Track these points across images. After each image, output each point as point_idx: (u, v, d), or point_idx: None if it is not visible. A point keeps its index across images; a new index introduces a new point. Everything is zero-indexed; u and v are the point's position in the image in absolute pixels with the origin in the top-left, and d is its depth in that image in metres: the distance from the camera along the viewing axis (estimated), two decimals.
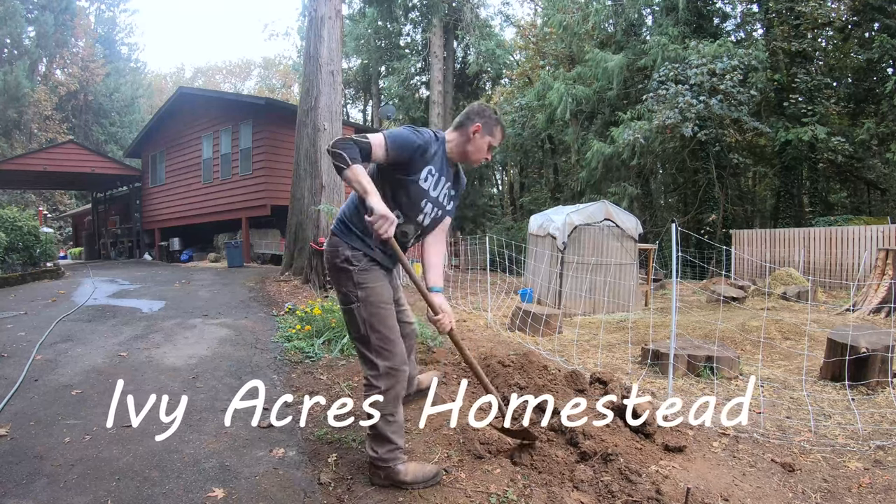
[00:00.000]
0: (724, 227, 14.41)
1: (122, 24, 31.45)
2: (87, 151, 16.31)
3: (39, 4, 23.02)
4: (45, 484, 2.08)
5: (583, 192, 16.55)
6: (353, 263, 2.08)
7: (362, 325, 2.06)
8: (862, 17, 14.38)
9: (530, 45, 24.18)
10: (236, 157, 13.04)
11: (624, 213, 8.27)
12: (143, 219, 16.77)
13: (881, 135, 14.00)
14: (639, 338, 5.31)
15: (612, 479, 2.09)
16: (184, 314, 5.66)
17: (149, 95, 33.01)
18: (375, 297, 2.07)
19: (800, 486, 2.18)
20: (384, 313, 2.09)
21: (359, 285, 2.07)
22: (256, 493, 2.06)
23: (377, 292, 2.09)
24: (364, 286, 2.08)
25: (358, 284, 2.07)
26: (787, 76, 14.59)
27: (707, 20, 16.24)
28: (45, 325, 4.79)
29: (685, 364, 3.87)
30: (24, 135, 22.78)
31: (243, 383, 3.40)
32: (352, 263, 2.08)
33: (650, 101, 13.30)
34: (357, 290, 2.07)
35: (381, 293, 2.10)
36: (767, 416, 2.98)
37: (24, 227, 8.67)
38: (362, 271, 2.08)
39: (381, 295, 2.09)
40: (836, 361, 3.57)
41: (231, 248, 11.55)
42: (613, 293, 7.69)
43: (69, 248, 22.80)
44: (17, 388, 3.15)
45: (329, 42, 8.70)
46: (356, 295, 2.07)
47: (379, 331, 2.05)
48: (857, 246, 9.96)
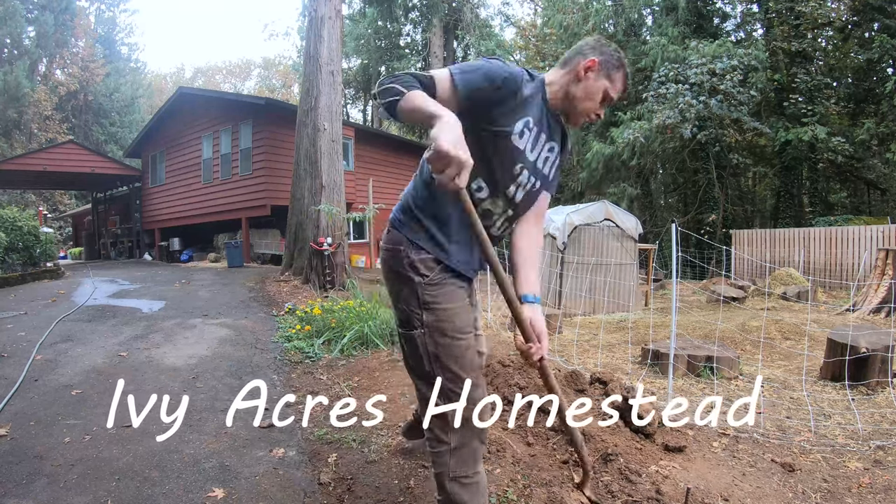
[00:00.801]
0: (724, 227, 14.42)
1: (122, 24, 31.48)
2: (87, 151, 16.31)
3: (39, 4, 23.02)
4: (45, 484, 2.08)
5: (583, 192, 16.56)
6: (421, 272, 1.49)
7: (427, 360, 1.50)
8: (862, 17, 14.39)
9: (530, 45, 24.18)
10: (236, 157, 13.04)
11: (624, 213, 8.27)
12: (143, 219, 16.77)
13: (881, 135, 14.00)
14: (639, 338, 5.31)
15: (612, 479, 2.08)
16: (184, 314, 5.66)
17: (149, 95, 33.02)
18: (450, 323, 1.49)
19: (800, 486, 2.18)
20: (461, 346, 1.50)
21: (426, 305, 1.49)
22: (256, 493, 2.06)
23: (453, 316, 1.50)
24: (434, 307, 1.49)
25: (425, 304, 1.49)
26: (787, 76, 14.59)
27: (707, 20, 16.25)
28: (45, 325, 4.79)
29: (685, 364, 3.87)
30: (24, 135, 22.78)
31: (243, 383, 3.40)
32: (418, 272, 1.49)
33: (650, 102, 13.30)
34: (423, 311, 1.49)
35: (457, 318, 1.50)
36: (767, 416, 2.98)
37: (24, 227, 8.67)
38: (433, 285, 1.50)
39: (457, 320, 1.50)
40: (836, 361, 3.57)
41: (231, 248, 11.55)
42: (613, 293, 7.69)
43: (69, 248, 22.80)
44: (17, 388, 3.15)
45: (329, 42, 8.69)
46: (421, 318, 1.49)
47: (451, 370, 1.49)
48: (857, 246, 9.96)
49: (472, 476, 1.52)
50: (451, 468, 1.50)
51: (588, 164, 15.29)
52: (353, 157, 14.19)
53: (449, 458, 1.50)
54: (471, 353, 1.53)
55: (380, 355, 3.90)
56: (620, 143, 13.59)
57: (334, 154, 8.59)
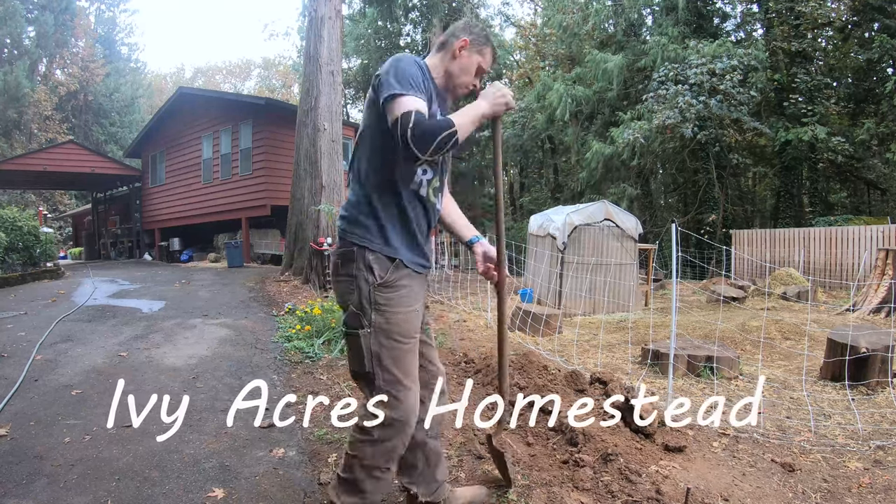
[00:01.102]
0: (724, 227, 14.42)
1: (122, 24, 31.52)
2: (87, 151, 16.32)
3: (39, 4, 23.03)
4: (45, 484, 2.08)
5: (583, 192, 16.56)
6: (375, 273, 1.53)
7: (368, 359, 1.53)
8: (862, 17, 14.39)
9: (530, 45, 24.18)
10: (236, 157, 13.04)
11: (624, 213, 8.27)
12: (143, 219, 16.77)
13: (881, 135, 14.00)
14: (639, 338, 5.31)
15: (612, 479, 2.08)
16: (184, 314, 5.66)
17: (149, 95, 33.03)
18: (397, 326, 1.53)
19: (800, 486, 2.18)
20: (404, 349, 1.54)
21: (377, 307, 1.52)
22: (256, 493, 2.06)
23: (401, 320, 1.54)
24: (384, 309, 1.52)
25: (376, 305, 1.52)
26: (787, 76, 14.59)
27: (707, 20, 16.25)
28: (45, 325, 4.79)
29: (685, 364, 3.87)
30: (24, 135, 22.79)
31: (243, 383, 3.40)
32: (372, 272, 1.53)
33: (650, 102, 13.31)
34: (373, 311, 1.52)
35: (405, 322, 1.55)
36: (767, 416, 2.98)
37: (24, 227, 8.68)
38: (386, 287, 1.53)
39: (405, 324, 1.55)
40: (836, 361, 3.57)
41: (231, 248, 11.55)
42: (613, 293, 7.69)
43: (69, 248, 22.80)
44: (17, 388, 3.15)
45: (329, 42, 8.70)
46: (369, 318, 1.52)
47: (391, 371, 1.52)
48: (857, 246, 9.96)
49: (384, 471, 1.57)
50: (367, 457, 1.54)
51: (588, 164, 15.29)
52: None
53: (368, 448, 1.54)
54: (411, 357, 1.58)
55: None
56: (620, 143, 13.59)
57: (334, 154, 8.60)
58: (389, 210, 1.57)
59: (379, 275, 1.53)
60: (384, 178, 1.57)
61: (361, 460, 1.55)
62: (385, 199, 1.57)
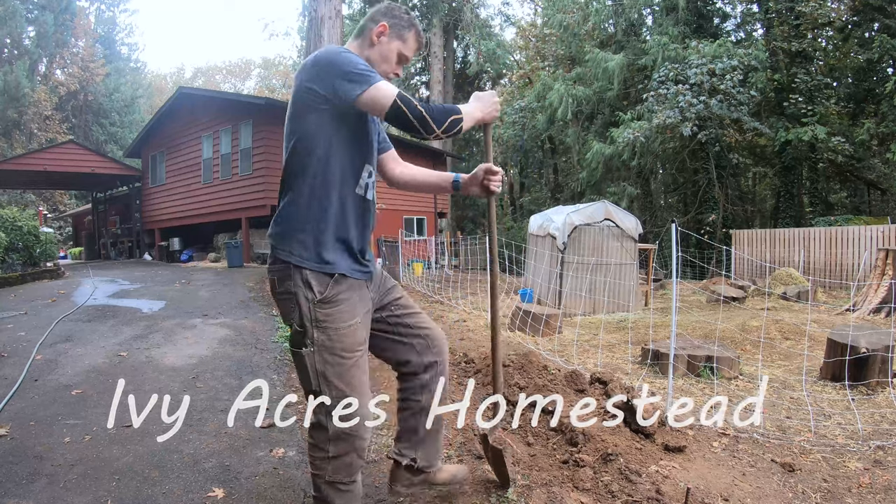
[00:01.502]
0: (724, 228, 14.42)
1: (122, 24, 31.54)
2: (87, 151, 16.31)
3: (39, 4, 23.03)
4: (45, 484, 2.08)
5: (583, 192, 16.57)
6: (314, 290, 1.47)
7: (314, 378, 1.50)
8: (862, 17, 14.39)
9: (530, 45, 24.19)
10: (236, 157, 13.03)
11: (624, 213, 8.28)
12: (143, 219, 16.76)
13: (881, 135, 14.01)
14: (639, 338, 5.31)
15: (612, 479, 2.08)
16: (184, 314, 5.66)
17: (149, 95, 33.03)
18: (339, 342, 1.49)
19: (800, 486, 2.18)
20: (348, 364, 1.51)
21: (317, 324, 1.48)
22: (256, 493, 2.06)
23: (343, 336, 1.50)
24: (325, 326, 1.48)
25: (316, 322, 1.48)
26: (787, 76, 14.59)
27: (707, 20, 16.25)
28: (45, 325, 4.79)
29: (685, 364, 3.87)
30: (24, 135, 22.78)
31: (243, 383, 3.40)
32: (311, 289, 1.47)
33: (650, 102, 13.31)
34: (315, 329, 1.48)
35: (347, 337, 1.50)
36: (767, 416, 2.98)
37: (24, 227, 8.67)
38: (325, 303, 1.48)
39: (347, 339, 1.50)
40: (836, 361, 3.57)
41: (231, 248, 11.54)
42: (613, 293, 7.69)
43: (69, 248, 22.80)
44: (17, 388, 3.16)
45: (329, 42, 8.69)
46: (312, 337, 1.48)
47: (337, 387, 1.50)
48: (857, 246, 9.96)
49: (348, 484, 1.57)
50: (328, 473, 1.54)
51: (588, 163, 15.29)
52: None
53: (327, 465, 1.54)
54: (357, 371, 1.54)
55: None
56: (620, 142, 13.60)
57: None
58: (326, 218, 1.50)
59: (318, 291, 1.48)
60: (324, 183, 1.49)
61: (323, 477, 1.55)
62: (322, 206, 1.50)
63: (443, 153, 18.78)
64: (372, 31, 1.60)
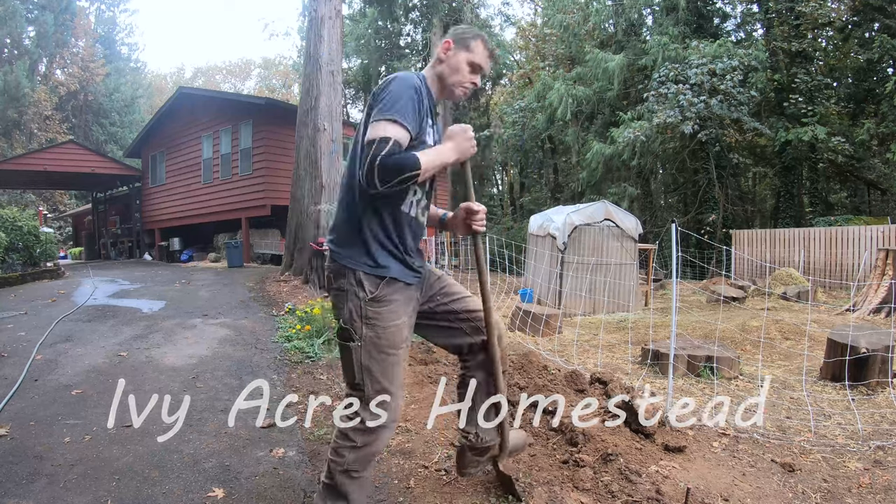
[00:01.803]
0: (724, 228, 14.42)
1: (122, 24, 31.53)
2: (87, 151, 16.31)
3: (39, 4, 23.03)
4: (45, 484, 2.08)
5: (583, 192, 16.57)
6: (366, 289, 1.58)
7: (358, 371, 1.60)
8: (862, 17, 14.38)
9: (530, 45, 24.18)
10: (236, 157, 13.04)
11: (624, 213, 8.28)
12: (143, 219, 16.77)
13: (881, 135, 14.01)
14: (639, 338, 5.31)
15: (612, 479, 2.08)
16: (184, 314, 5.66)
17: (149, 95, 33.03)
18: (386, 339, 1.59)
19: (800, 486, 2.18)
20: (392, 361, 1.61)
21: (367, 321, 1.58)
22: (256, 493, 2.06)
23: (391, 333, 1.59)
24: (374, 323, 1.58)
25: (366, 319, 1.58)
26: (787, 76, 14.59)
27: (707, 20, 16.25)
28: (45, 325, 4.79)
29: (685, 364, 3.87)
30: (24, 135, 22.78)
31: (243, 383, 3.40)
32: (363, 288, 1.58)
33: (651, 101, 13.31)
34: (364, 325, 1.58)
35: (394, 335, 1.60)
36: (767, 416, 2.98)
37: (24, 227, 8.67)
38: (376, 301, 1.58)
39: (394, 337, 1.60)
40: (836, 361, 3.57)
41: (231, 248, 11.55)
42: (613, 293, 7.69)
43: (69, 248, 22.80)
44: (17, 388, 3.16)
45: (329, 42, 8.69)
46: (360, 332, 1.58)
47: (380, 382, 1.60)
48: (857, 246, 9.96)
49: (360, 472, 1.64)
50: (348, 463, 1.61)
51: (588, 163, 15.29)
52: None
53: (350, 454, 1.61)
54: (399, 369, 1.64)
55: None
56: (621, 142, 13.60)
57: (334, 154, 8.59)
58: (378, 231, 1.60)
59: (369, 290, 1.58)
60: (374, 199, 1.57)
61: (342, 465, 1.61)
62: (374, 220, 1.59)
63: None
64: (439, 49, 1.71)
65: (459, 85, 1.69)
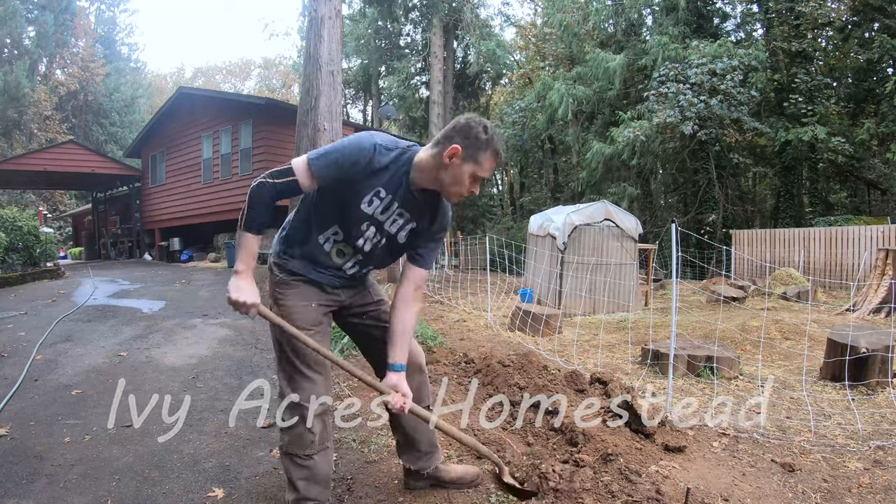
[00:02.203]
0: (724, 228, 14.42)
1: (122, 24, 31.52)
2: (87, 151, 16.30)
3: (39, 4, 23.02)
4: (45, 484, 2.08)
5: (583, 192, 16.57)
6: (275, 273, 1.78)
7: (276, 346, 1.76)
8: (862, 17, 14.39)
9: (530, 45, 24.19)
10: (236, 157, 13.03)
11: (624, 213, 8.27)
12: (143, 219, 16.76)
13: (881, 135, 14.00)
14: (639, 338, 5.31)
15: (612, 479, 2.08)
16: (184, 314, 5.66)
17: (149, 95, 33.02)
18: (288, 318, 1.69)
19: (800, 486, 2.18)
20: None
21: (275, 301, 1.74)
22: (256, 493, 2.06)
23: (292, 312, 1.71)
24: (280, 303, 1.73)
25: (275, 300, 1.75)
26: (787, 76, 14.59)
27: (707, 20, 16.25)
28: (45, 325, 4.79)
29: (685, 364, 3.87)
30: (24, 135, 22.77)
31: (244, 383, 3.40)
32: (272, 271, 1.79)
33: (651, 101, 13.31)
34: (275, 305, 1.74)
35: (296, 314, 1.71)
36: (767, 416, 2.98)
37: (24, 227, 8.67)
38: (281, 284, 1.75)
39: (295, 317, 1.70)
40: (836, 361, 3.57)
41: (231, 248, 11.54)
42: (613, 293, 7.69)
43: (69, 248, 22.79)
44: (17, 388, 3.16)
45: (329, 42, 8.69)
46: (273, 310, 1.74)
47: (290, 359, 1.71)
48: (857, 246, 9.96)
49: (303, 458, 1.71)
50: (285, 443, 1.75)
51: (588, 163, 15.29)
52: None
53: (284, 434, 1.75)
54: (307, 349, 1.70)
55: None
56: (621, 142, 13.59)
57: None
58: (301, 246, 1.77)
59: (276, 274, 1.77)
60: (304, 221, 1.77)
61: (283, 449, 1.75)
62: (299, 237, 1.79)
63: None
64: (444, 152, 1.59)
65: (456, 195, 1.67)
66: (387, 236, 1.74)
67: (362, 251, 1.74)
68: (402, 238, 1.76)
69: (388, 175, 1.63)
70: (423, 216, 1.74)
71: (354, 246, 1.73)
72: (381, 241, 1.74)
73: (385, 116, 22.48)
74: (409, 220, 1.73)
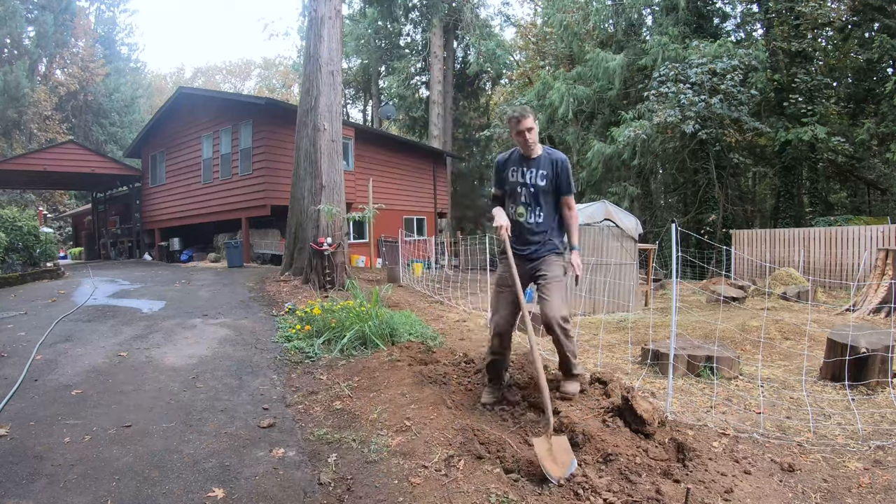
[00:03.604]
0: (724, 227, 14.42)
1: (122, 24, 31.49)
2: (87, 151, 16.30)
3: (39, 4, 23.01)
4: (45, 484, 2.08)
5: (583, 192, 16.57)
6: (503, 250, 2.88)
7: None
8: (862, 17, 14.39)
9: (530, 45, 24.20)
10: (236, 157, 13.03)
11: (624, 213, 8.27)
12: (143, 219, 16.76)
13: (881, 135, 14.01)
14: (639, 338, 5.31)
15: (612, 479, 2.08)
16: (184, 314, 5.66)
17: (149, 95, 33.01)
18: (495, 277, 3.07)
19: (800, 486, 2.18)
20: (494, 290, 3.02)
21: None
22: (256, 493, 2.06)
23: (496, 275, 3.08)
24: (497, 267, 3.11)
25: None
26: (787, 76, 14.60)
27: (707, 20, 16.26)
28: (45, 325, 4.79)
29: (685, 364, 3.87)
30: (24, 135, 22.77)
31: (243, 383, 3.40)
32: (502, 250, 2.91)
33: (651, 101, 13.31)
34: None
35: (497, 276, 3.03)
36: (767, 416, 2.98)
37: (24, 227, 8.67)
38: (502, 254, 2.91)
39: (497, 277, 3.04)
40: (836, 361, 3.57)
41: (231, 248, 11.54)
42: (613, 293, 7.69)
43: (69, 248, 22.79)
44: (17, 388, 3.16)
45: (329, 42, 8.70)
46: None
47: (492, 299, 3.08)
48: (857, 246, 9.96)
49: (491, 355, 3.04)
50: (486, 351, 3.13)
51: (588, 163, 15.30)
52: (353, 157, 14.19)
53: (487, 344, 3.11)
54: (496, 297, 3.00)
55: (380, 355, 3.90)
56: (621, 141, 13.60)
57: (334, 154, 8.59)
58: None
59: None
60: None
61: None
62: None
63: (442, 153, 18.83)
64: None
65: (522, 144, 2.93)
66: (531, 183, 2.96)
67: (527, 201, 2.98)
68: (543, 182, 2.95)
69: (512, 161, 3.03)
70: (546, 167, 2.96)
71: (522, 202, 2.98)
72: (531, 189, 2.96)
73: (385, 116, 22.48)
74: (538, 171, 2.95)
